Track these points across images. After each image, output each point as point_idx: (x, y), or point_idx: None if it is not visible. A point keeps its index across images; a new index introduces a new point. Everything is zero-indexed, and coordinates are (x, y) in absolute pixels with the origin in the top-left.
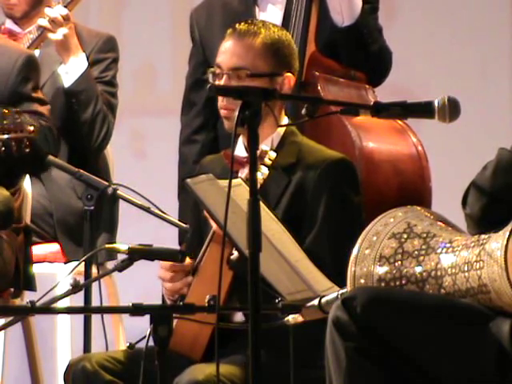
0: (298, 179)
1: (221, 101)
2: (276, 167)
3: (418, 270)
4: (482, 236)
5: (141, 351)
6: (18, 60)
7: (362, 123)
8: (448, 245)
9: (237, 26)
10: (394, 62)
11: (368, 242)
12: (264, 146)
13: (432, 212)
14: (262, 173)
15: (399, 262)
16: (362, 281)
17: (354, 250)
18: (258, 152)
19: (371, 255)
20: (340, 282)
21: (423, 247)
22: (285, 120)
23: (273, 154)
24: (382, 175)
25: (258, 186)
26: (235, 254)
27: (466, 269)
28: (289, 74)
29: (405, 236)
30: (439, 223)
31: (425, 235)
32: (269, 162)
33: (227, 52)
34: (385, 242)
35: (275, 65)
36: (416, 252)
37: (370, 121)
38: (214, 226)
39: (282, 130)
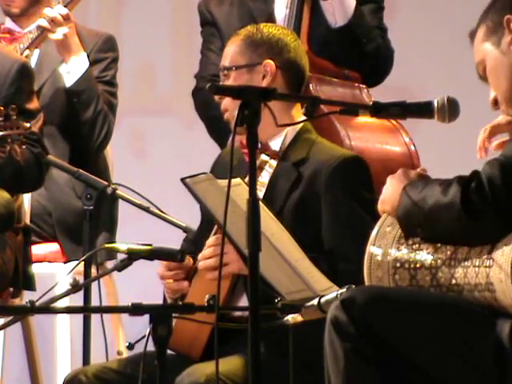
0: (309, 175)
1: (222, 104)
2: (286, 161)
3: (434, 256)
4: None
5: (138, 359)
6: (12, 69)
7: (351, 122)
8: None
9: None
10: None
11: (390, 219)
12: (264, 155)
13: None
14: (269, 164)
15: (417, 245)
16: (379, 258)
17: (375, 230)
18: (258, 162)
19: (392, 233)
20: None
21: None
22: (301, 117)
23: (274, 163)
24: (372, 174)
25: (267, 181)
26: None
27: (477, 264)
28: (268, 61)
29: None
30: None
31: None
32: (270, 171)
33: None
34: (400, 232)
35: (252, 56)
36: None
37: (360, 120)
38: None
39: (298, 126)
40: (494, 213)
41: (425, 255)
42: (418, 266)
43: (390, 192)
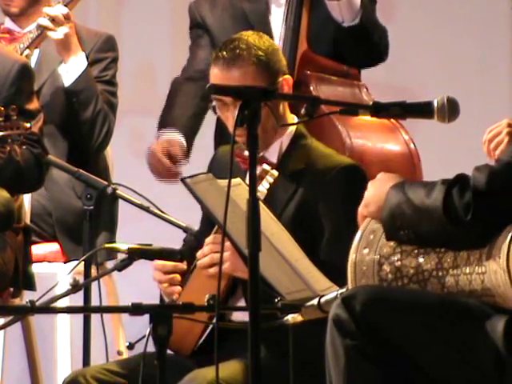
0: (307, 186)
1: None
2: (284, 171)
3: (419, 269)
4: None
5: (137, 360)
6: (12, 69)
7: (351, 122)
8: None
9: (220, 53)
10: (392, 61)
11: (365, 241)
12: (266, 165)
13: None
14: (271, 174)
15: (399, 262)
16: (364, 267)
17: (356, 238)
18: (259, 170)
19: (370, 255)
20: None
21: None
22: (294, 119)
23: (275, 173)
24: (372, 175)
25: (266, 190)
26: None
27: (467, 271)
28: (286, 77)
29: None
30: None
31: None
32: (270, 181)
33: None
34: (382, 241)
35: (270, 77)
36: (415, 251)
37: (361, 119)
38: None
39: (292, 132)
40: (473, 219)
41: (410, 270)
42: (405, 282)
43: (373, 193)
